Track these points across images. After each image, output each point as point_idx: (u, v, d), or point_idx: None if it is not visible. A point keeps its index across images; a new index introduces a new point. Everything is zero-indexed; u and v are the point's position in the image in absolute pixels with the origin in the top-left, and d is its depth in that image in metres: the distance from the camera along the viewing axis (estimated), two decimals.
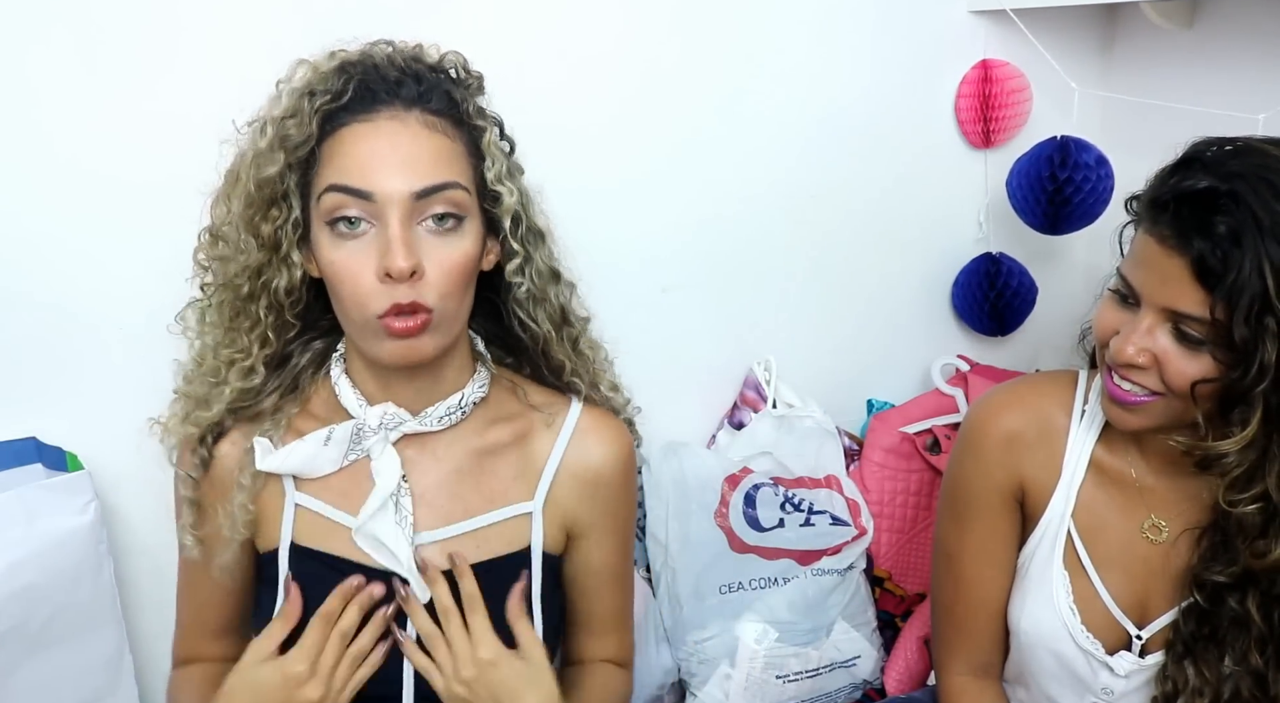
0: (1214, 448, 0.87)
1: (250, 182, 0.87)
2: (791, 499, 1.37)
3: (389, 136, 0.84)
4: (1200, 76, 1.44)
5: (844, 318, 1.56)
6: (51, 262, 1.08)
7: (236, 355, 0.93)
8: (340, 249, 0.84)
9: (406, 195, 0.82)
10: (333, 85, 0.85)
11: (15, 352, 1.08)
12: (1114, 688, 1.01)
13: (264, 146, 0.86)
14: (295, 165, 0.87)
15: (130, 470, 1.12)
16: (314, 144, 0.86)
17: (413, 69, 0.88)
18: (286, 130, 0.85)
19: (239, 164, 0.89)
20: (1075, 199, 1.39)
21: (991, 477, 1.04)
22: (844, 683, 1.38)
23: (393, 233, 0.82)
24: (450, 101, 0.88)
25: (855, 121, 1.47)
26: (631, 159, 1.34)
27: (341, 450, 0.93)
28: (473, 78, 0.93)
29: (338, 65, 0.87)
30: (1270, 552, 0.89)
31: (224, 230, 0.91)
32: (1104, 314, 0.93)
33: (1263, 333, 0.81)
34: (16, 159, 1.05)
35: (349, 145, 0.84)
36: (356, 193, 0.83)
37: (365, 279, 0.83)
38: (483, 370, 0.98)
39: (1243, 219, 0.81)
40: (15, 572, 1.01)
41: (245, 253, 0.89)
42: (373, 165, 0.83)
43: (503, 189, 0.90)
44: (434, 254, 0.85)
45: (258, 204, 0.87)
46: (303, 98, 0.85)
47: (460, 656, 0.90)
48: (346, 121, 0.85)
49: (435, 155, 0.85)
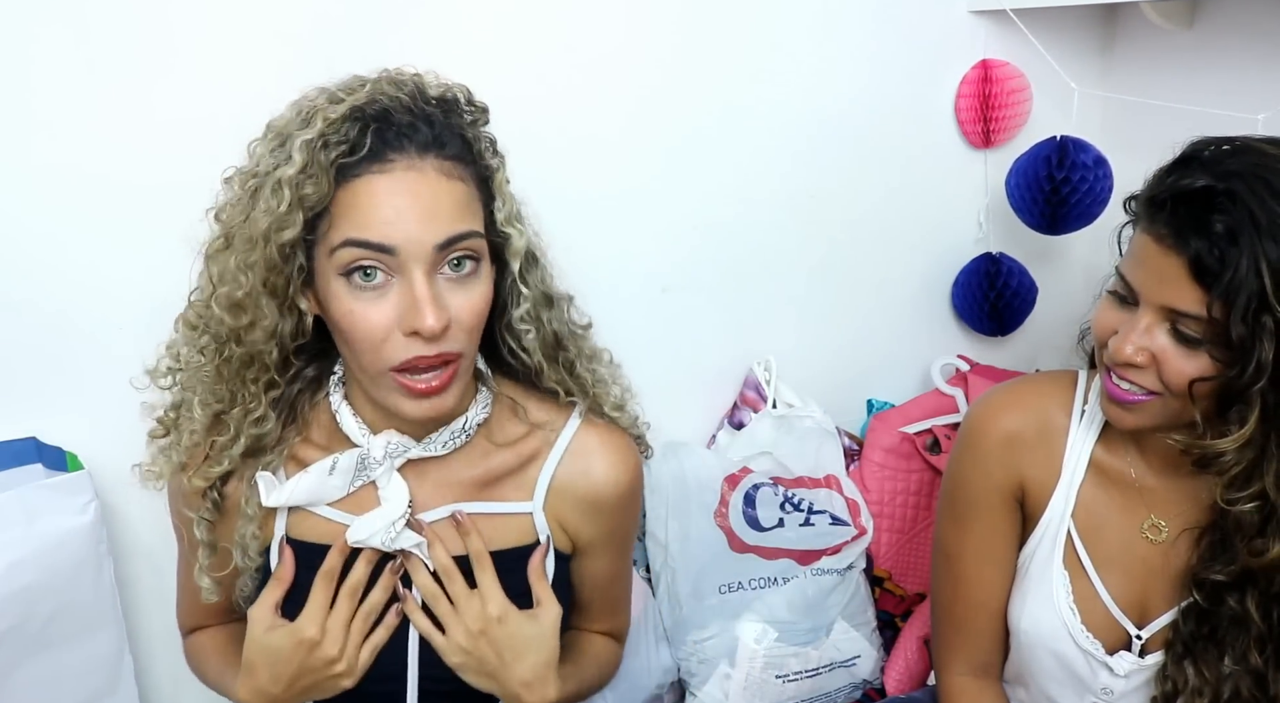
0: (1212, 447, 0.87)
1: (272, 248, 0.81)
2: (791, 499, 1.37)
3: (407, 187, 0.80)
4: (1200, 76, 1.44)
5: (844, 318, 1.56)
6: (51, 263, 1.08)
7: (250, 406, 0.90)
8: (357, 300, 0.81)
9: (429, 249, 0.80)
10: (346, 135, 0.80)
11: (15, 352, 1.09)
12: (1114, 688, 1.01)
13: (282, 211, 0.80)
14: (306, 221, 0.83)
15: (130, 471, 1.12)
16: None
17: (423, 112, 0.83)
18: (304, 190, 0.79)
19: (251, 229, 0.82)
20: (1073, 200, 1.40)
21: (991, 477, 1.04)
22: (844, 683, 1.38)
23: (420, 292, 0.80)
24: (463, 143, 0.85)
25: (855, 122, 1.47)
26: (632, 159, 1.34)
27: (347, 479, 0.92)
28: (479, 111, 0.89)
29: (347, 112, 0.80)
30: (1268, 550, 0.89)
31: (242, 299, 0.85)
32: (1102, 314, 0.93)
33: (1260, 331, 0.81)
34: (17, 161, 1.05)
35: (365, 198, 0.80)
36: (378, 248, 0.79)
37: (382, 327, 0.81)
38: (484, 391, 0.96)
39: (1240, 218, 0.81)
40: (15, 572, 1.01)
41: (268, 317, 0.85)
42: (392, 219, 0.79)
43: (512, 231, 0.88)
44: (454, 302, 0.83)
45: (277, 267, 0.83)
46: (316, 151, 0.79)
47: (466, 612, 0.90)
48: (360, 172, 0.80)
49: (454, 204, 0.82)
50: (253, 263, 0.82)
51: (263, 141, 0.85)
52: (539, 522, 0.96)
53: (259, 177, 0.82)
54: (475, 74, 1.00)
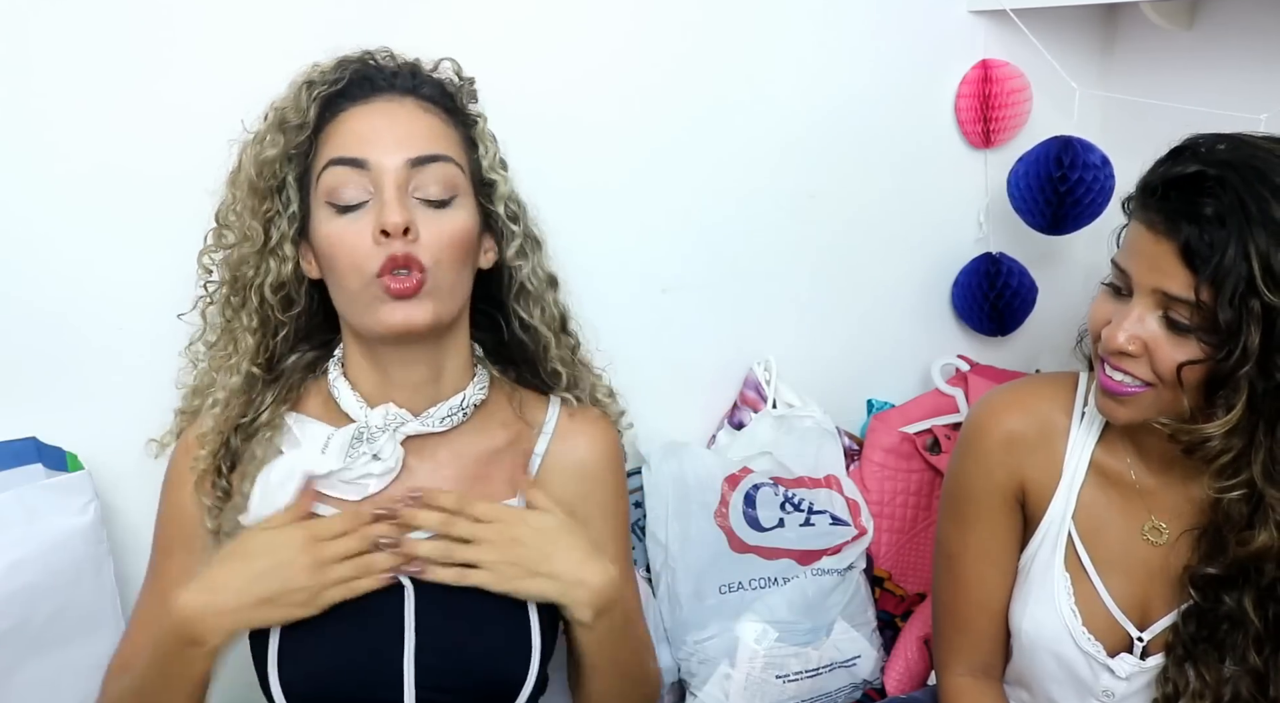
0: (1199, 430, 0.88)
1: (251, 166, 0.91)
2: (791, 499, 1.37)
3: (385, 113, 0.89)
4: (1200, 77, 1.44)
5: (844, 318, 1.56)
6: (52, 263, 1.08)
7: (230, 354, 0.94)
8: (337, 222, 0.88)
9: (401, 162, 0.87)
10: (333, 76, 0.90)
11: (16, 352, 1.08)
12: (1115, 690, 1.01)
13: (263, 129, 0.91)
14: (295, 157, 0.91)
15: (130, 470, 1.12)
16: (312, 131, 0.90)
17: (408, 66, 0.94)
18: (285, 114, 0.89)
19: (241, 152, 0.94)
20: (1086, 199, 1.39)
21: (992, 478, 1.04)
22: (844, 683, 1.38)
23: (387, 195, 0.86)
24: (444, 94, 0.94)
25: (855, 121, 1.47)
26: (631, 159, 1.34)
27: (340, 455, 0.92)
28: (464, 81, 0.97)
29: (337, 62, 0.92)
30: (1254, 540, 0.89)
31: (228, 219, 0.94)
32: (1097, 306, 0.95)
33: (1247, 316, 0.82)
34: (17, 160, 1.04)
35: (346, 124, 0.89)
36: (352, 162, 0.87)
37: (361, 243, 0.87)
38: (483, 372, 0.99)
39: (1229, 204, 0.82)
40: (15, 572, 1.01)
41: (250, 239, 0.92)
42: (369, 138, 0.88)
43: (497, 176, 0.95)
44: (428, 223, 0.88)
45: (260, 190, 0.91)
46: (301, 88, 0.90)
47: (486, 536, 0.88)
48: (344, 107, 0.90)
49: (430, 130, 0.90)
50: (237, 181, 0.93)
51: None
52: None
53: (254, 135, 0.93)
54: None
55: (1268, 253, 0.81)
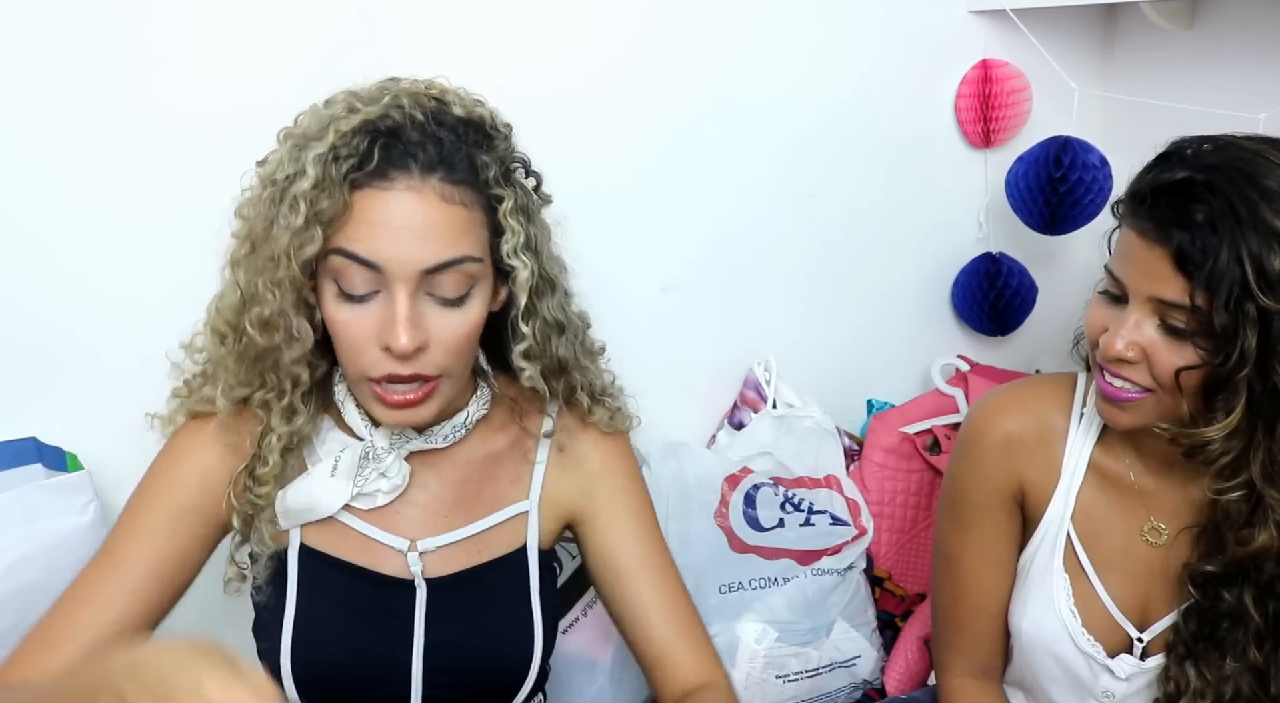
0: (1199, 434, 0.88)
1: (295, 265, 0.81)
2: (791, 499, 1.37)
3: (403, 208, 0.80)
4: (1200, 76, 1.44)
5: (844, 318, 1.57)
6: (51, 263, 1.08)
7: (277, 399, 0.90)
8: (344, 310, 0.83)
9: (415, 272, 0.80)
10: (356, 148, 0.80)
11: (15, 352, 1.08)
12: (1115, 691, 1.01)
13: (300, 225, 0.80)
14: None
15: (130, 470, 1.11)
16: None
17: (434, 133, 0.82)
18: (319, 205, 0.80)
19: (274, 246, 0.82)
20: (1084, 200, 1.39)
21: (991, 479, 1.04)
22: (844, 683, 1.38)
23: (398, 310, 0.80)
24: (471, 168, 0.84)
25: (855, 121, 1.47)
26: (632, 159, 1.34)
27: (350, 478, 0.91)
28: (501, 135, 0.88)
29: (359, 124, 0.81)
30: (1254, 539, 0.89)
31: (271, 318, 0.84)
32: (1093, 313, 0.94)
33: (1243, 320, 0.82)
34: (17, 160, 1.05)
35: (362, 212, 0.81)
36: (364, 262, 0.80)
37: (366, 344, 0.82)
38: (484, 387, 0.98)
39: (1220, 208, 0.82)
40: (15, 572, 1.01)
41: (300, 337, 0.85)
42: (383, 238, 0.80)
43: (517, 263, 0.87)
44: (439, 323, 0.83)
45: (302, 283, 0.83)
46: (328, 165, 0.80)
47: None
48: (363, 185, 0.81)
49: (450, 228, 0.82)
50: (279, 280, 0.82)
51: (282, 145, 0.86)
52: (531, 521, 0.98)
53: (276, 185, 0.83)
54: (475, 74, 1.00)
55: (1260, 256, 0.81)
